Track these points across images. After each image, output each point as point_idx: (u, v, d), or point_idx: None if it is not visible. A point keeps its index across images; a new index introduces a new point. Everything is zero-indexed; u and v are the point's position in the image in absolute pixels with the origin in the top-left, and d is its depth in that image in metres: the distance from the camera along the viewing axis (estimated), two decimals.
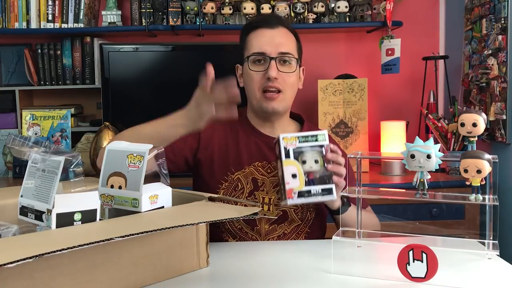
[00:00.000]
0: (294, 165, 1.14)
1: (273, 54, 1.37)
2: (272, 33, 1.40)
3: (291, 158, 1.14)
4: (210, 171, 1.41)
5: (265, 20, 1.45)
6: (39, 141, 0.99)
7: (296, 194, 1.14)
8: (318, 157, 1.15)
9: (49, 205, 0.88)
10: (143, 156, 0.99)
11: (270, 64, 1.36)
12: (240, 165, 1.40)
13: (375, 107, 2.70)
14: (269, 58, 1.37)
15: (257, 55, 1.38)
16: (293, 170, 1.14)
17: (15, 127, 2.50)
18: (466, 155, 0.97)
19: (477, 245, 1.06)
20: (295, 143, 1.14)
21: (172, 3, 2.48)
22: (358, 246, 1.12)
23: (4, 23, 2.45)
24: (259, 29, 1.41)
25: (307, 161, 1.14)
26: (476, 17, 2.35)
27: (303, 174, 1.14)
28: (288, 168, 1.14)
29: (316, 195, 1.14)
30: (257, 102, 1.41)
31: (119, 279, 0.91)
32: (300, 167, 1.14)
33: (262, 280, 1.02)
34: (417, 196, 1.01)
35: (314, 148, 1.15)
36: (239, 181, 1.39)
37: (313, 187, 1.14)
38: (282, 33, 1.41)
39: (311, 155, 1.15)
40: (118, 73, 2.38)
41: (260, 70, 1.38)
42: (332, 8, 2.53)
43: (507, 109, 2.12)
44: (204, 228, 1.08)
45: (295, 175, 1.14)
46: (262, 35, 1.40)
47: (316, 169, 1.15)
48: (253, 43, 1.41)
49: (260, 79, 1.38)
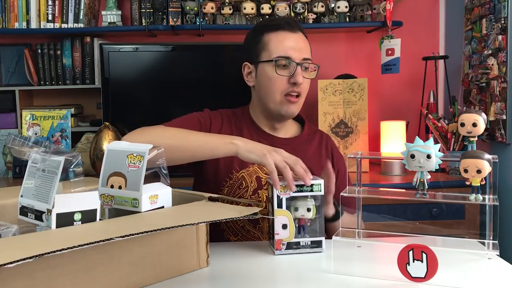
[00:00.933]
0: (286, 215, 1.13)
1: (297, 60, 1.37)
2: (295, 37, 1.40)
3: (283, 207, 1.13)
4: (215, 168, 1.41)
5: (287, 23, 1.43)
6: (39, 141, 0.99)
7: (284, 245, 1.14)
8: (311, 206, 1.14)
9: (49, 205, 0.88)
10: (143, 156, 0.99)
11: (297, 70, 1.37)
12: (245, 163, 1.40)
13: (375, 107, 2.71)
14: (296, 64, 1.37)
15: (283, 59, 1.38)
16: (284, 220, 1.13)
17: (15, 127, 2.50)
18: (466, 155, 0.97)
19: (477, 245, 1.06)
20: (289, 192, 1.13)
21: (172, 3, 2.48)
22: (358, 246, 1.11)
23: (4, 23, 2.45)
24: (280, 31, 1.40)
25: (299, 208, 1.14)
26: (476, 17, 2.35)
27: (294, 224, 1.14)
28: (279, 218, 1.13)
29: (305, 247, 1.14)
30: (275, 105, 1.41)
31: (119, 279, 0.91)
32: (291, 216, 1.13)
33: (262, 280, 1.02)
34: (417, 196, 1.01)
35: (308, 198, 1.14)
36: (244, 179, 1.40)
37: (302, 239, 1.14)
38: (302, 38, 1.42)
39: (304, 203, 1.14)
40: (118, 73, 2.38)
41: (285, 75, 1.38)
42: (332, 8, 2.53)
43: (507, 109, 2.12)
44: (204, 228, 1.08)
45: (285, 225, 1.14)
46: (286, 38, 1.39)
47: (308, 217, 1.14)
48: (276, 46, 1.39)
49: (284, 83, 1.38)
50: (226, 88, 2.37)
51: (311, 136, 1.51)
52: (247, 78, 1.47)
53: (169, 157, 1.08)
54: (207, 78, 2.40)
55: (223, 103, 1.61)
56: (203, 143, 1.26)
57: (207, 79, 2.40)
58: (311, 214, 1.14)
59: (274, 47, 1.39)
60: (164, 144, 1.20)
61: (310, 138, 1.50)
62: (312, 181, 1.14)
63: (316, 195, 1.14)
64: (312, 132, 1.53)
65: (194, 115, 1.45)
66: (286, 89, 1.38)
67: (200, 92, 2.39)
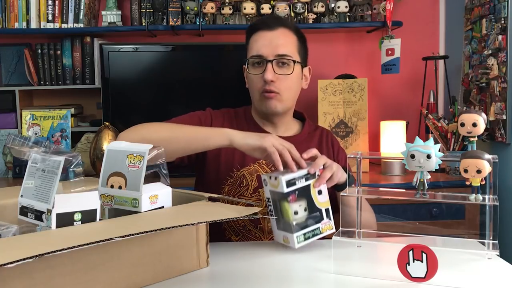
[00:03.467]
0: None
1: (270, 57, 1.38)
2: (271, 35, 1.40)
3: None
4: (216, 167, 1.42)
5: (264, 22, 1.46)
6: (39, 141, 0.99)
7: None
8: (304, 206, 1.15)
9: (49, 205, 0.88)
10: (143, 156, 0.99)
11: (267, 67, 1.37)
12: (245, 162, 1.41)
13: (375, 107, 2.70)
14: (266, 61, 1.38)
15: (255, 58, 1.40)
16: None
17: (15, 127, 2.50)
18: (466, 155, 0.97)
19: (477, 245, 1.06)
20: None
21: (172, 3, 2.48)
22: (358, 246, 1.11)
23: (4, 23, 2.45)
24: (258, 32, 1.42)
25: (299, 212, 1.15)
26: (476, 17, 2.35)
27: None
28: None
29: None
30: (257, 103, 1.44)
31: (119, 279, 0.91)
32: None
33: (262, 280, 1.02)
34: (417, 196, 1.01)
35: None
36: (244, 178, 1.41)
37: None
38: (281, 34, 1.41)
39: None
40: (118, 73, 2.38)
41: (258, 73, 1.40)
42: (332, 8, 2.53)
43: (507, 109, 2.12)
44: (204, 228, 1.08)
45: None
46: (261, 37, 1.41)
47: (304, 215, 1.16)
48: (252, 46, 1.42)
49: (258, 82, 1.40)
50: (226, 88, 2.37)
51: (312, 133, 1.52)
52: (246, 80, 1.50)
53: (166, 151, 1.11)
54: (207, 78, 2.40)
55: (223, 103, 1.61)
56: (195, 134, 1.27)
57: (207, 79, 2.40)
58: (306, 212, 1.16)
59: (250, 47, 1.43)
60: (158, 137, 1.24)
61: (311, 136, 1.51)
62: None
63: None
64: (313, 129, 1.54)
65: (195, 113, 1.46)
66: (261, 87, 1.40)
67: (200, 92, 2.39)
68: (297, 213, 1.14)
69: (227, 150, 1.42)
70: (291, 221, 1.13)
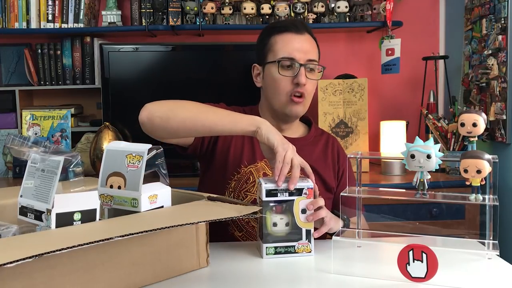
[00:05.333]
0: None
1: (302, 61, 1.39)
2: (301, 39, 1.41)
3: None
4: (225, 160, 1.42)
5: (294, 24, 1.44)
6: (38, 141, 0.99)
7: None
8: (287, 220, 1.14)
9: (49, 205, 0.88)
10: (142, 156, 0.99)
11: (300, 70, 1.38)
12: (253, 159, 1.42)
13: (375, 107, 2.70)
14: (299, 65, 1.38)
15: (286, 60, 1.39)
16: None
17: (15, 127, 2.50)
18: (466, 155, 0.97)
19: (477, 245, 1.06)
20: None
21: (172, 3, 2.48)
22: (358, 246, 1.11)
23: (4, 23, 2.45)
24: (287, 33, 1.42)
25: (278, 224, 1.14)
26: (476, 17, 2.35)
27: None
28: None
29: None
30: (281, 105, 1.42)
31: (119, 279, 0.91)
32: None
33: (261, 280, 1.02)
34: (417, 196, 1.01)
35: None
36: (251, 174, 1.41)
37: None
38: (308, 40, 1.43)
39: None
40: (118, 73, 2.38)
41: (288, 76, 1.39)
42: (332, 8, 2.53)
43: (507, 109, 2.12)
44: (204, 228, 1.08)
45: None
46: (291, 40, 1.41)
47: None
48: (281, 47, 1.41)
49: (288, 84, 1.40)
50: (226, 88, 2.37)
51: (318, 137, 1.52)
52: (256, 79, 1.50)
53: (190, 127, 1.24)
54: (207, 78, 2.40)
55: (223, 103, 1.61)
56: (224, 116, 1.26)
57: (207, 79, 2.40)
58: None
59: (279, 48, 1.41)
60: (185, 111, 1.27)
61: (317, 140, 1.51)
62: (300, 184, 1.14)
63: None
64: (319, 134, 1.54)
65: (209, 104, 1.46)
66: (291, 89, 1.40)
67: (200, 92, 2.38)
68: (275, 225, 1.12)
69: (236, 145, 1.43)
70: (267, 230, 1.12)
